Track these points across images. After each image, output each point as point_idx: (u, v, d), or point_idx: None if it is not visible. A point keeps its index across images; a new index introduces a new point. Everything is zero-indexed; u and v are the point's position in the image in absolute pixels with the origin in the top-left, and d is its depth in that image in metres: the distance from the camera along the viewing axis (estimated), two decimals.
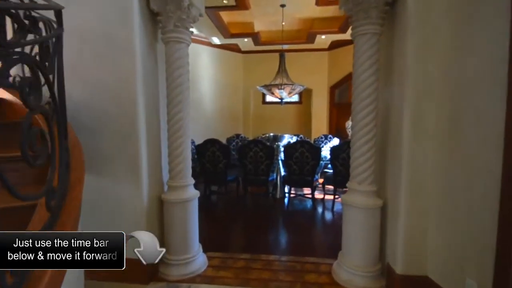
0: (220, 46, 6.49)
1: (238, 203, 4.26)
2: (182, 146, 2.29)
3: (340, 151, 3.74)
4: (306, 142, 3.74)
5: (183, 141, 2.29)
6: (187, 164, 2.36)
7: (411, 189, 1.90)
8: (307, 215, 3.90)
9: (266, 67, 6.33)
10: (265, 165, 3.86)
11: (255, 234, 3.20)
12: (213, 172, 4.00)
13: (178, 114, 2.24)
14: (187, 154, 2.34)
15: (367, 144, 2.07)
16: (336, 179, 3.86)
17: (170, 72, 2.22)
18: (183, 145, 2.29)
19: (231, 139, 5.85)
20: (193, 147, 4.74)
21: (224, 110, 6.94)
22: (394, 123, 2.04)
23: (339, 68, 6.45)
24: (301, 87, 4.47)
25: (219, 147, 3.88)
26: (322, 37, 5.34)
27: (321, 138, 5.66)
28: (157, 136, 2.38)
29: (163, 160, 2.47)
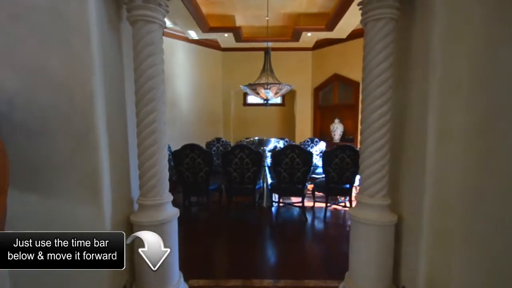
0: (197, 42, 6.01)
1: (222, 215, 3.82)
2: (156, 155, 1.83)
3: (333, 156, 3.46)
4: (297, 147, 3.41)
5: (157, 148, 1.83)
6: (163, 177, 1.90)
7: (435, 203, 1.60)
8: (299, 227, 3.56)
9: (248, 67, 5.95)
10: (252, 172, 3.47)
11: (244, 253, 2.79)
12: (193, 182, 3.53)
13: (150, 115, 1.78)
14: (163, 165, 1.88)
15: (380, 151, 1.76)
16: (328, 186, 3.57)
17: (139, 61, 1.75)
18: (157, 153, 1.83)
19: (211, 144, 5.38)
20: (168, 153, 4.22)
21: (202, 112, 6.45)
22: (413, 126, 1.75)
23: (323, 69, 6.27)
24: (289, 87, 4.15)
25: (199, 153, 3.42)
26: (308, 34, 5.08)
27: (307, 142, 5.38)
28: (123, 141, 1.90)
29: (132, 172, 1.98)
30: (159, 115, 1.81)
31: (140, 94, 1.77)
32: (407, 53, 1.79)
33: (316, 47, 6.25)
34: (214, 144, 5.41)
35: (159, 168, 1.85)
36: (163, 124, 1.85)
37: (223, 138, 5.51)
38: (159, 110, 1.81)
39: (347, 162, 3.45)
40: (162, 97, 1.84)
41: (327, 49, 6.11)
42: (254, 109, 7.19)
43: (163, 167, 1.90)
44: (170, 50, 5.55)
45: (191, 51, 6.06)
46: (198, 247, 2.90)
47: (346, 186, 3.58)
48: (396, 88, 1.82)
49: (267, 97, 4.27)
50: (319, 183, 3.87)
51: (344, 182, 3.55)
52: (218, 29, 4.85)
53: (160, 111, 1.82)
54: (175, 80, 5.75)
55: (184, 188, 3.61)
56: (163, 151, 1.89)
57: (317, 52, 6.34)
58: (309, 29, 4.80)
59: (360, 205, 1.87)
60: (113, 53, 1.76)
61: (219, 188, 3.85)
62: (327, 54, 6.14)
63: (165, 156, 1.92)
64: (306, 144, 5.33)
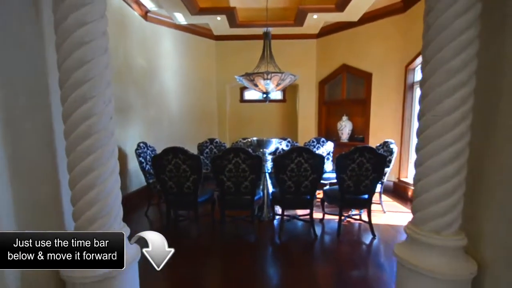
0: (187, 29, 5.30)
1: (215, 232, 3.14)
2: (94, 170, 1.15)
3: (348, 160, 2.79)
4: (305, 150, 2.73)
5: (97, 159, 1.15)
6: (110, 202, 1.22)
7: None
8: (307, 246, 2.89)
9: (245, 58, 5.25)
10: (249, 181, 2.79)
11: (239, 279, 2.20)
12: (178, 193, 2.85)
13: (83, 106, 1.10)
14: (109, 185, 1.20)
15: (455, 161, 1.09)
16: (343, 197, 2.90)
17: (63, 29, 1.07)
18: (97, 168, 1.15)
19: (204, 145, 4.70)
20: (148, 158, 3.53)
21: (193, 110, 5.75)
22: None
23: (330, 59, 5.58)
24: (293, 77, 3.47)
25: (185, 158, 2.74)
26: (314, 16, 4.38)
27: (312, 142, 4.71)
28: (45, 149, 1.22)
29: (63, 195, 1.30)
30: (98, 106, 1.13)
31: (65, 70, 1.09)
32: None
33: (322, 35, 5.56)
34: (207, 146, 4.73)
35: (101, 190, 1.17)
36: (106, 120, 1.17)
37: (217, 139, 4.83)
38: (99, 97, 1.13)
39: (367, 168, 2.78)
40: (105, 74, 1.16)
41: (334, 36, 5.42)
42: (252, 106, 6.50)
43: (111, 188, 1.22)
44: (155, 38, 4.85)
45: (180, 39, 5.35)
46: (185, 272, 2.26)
47: (364, 196, 2.92)
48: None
49: (267, 90, 3.59)
50: (329, 193, 3.20)
51: (362, 192, 2.88)
52: (209, 10, 4.15)
53: (101, 100, 1.14)
54: (161, 72, 5.05)
55: (167, 200, 2.93)
56: (109, 163, 1.21)
57: (322, 40, 5.65)
58: (315, 9, 4.11)
59: (415, 243, 1.21)
60: (16, 12, 1.08)
61: (211, 199, 3.17)
62: (334, 42, 5.46)
63: (114, 171, 1.24)
64: (312, 144, 4.66)
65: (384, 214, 3.62)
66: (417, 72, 4.46)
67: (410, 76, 4.49)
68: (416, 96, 4.48)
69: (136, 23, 4.38)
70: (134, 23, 4.33)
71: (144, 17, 4.62)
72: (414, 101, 4.47)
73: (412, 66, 4.42)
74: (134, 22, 4.32)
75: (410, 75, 4.49)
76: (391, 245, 2.84)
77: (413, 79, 4.49)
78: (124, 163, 3.97)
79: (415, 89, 4.48)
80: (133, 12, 4.31)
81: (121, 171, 4.14)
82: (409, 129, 4.52)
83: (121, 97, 3.95)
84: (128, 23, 4.16)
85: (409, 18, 4.42)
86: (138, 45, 4.41)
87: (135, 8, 4.32)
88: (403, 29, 4.53)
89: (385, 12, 4.70)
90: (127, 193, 4.06)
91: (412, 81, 4.50)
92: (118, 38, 3.90)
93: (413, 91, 4.50)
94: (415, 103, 4.47)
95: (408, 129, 4.52)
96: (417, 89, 4.47)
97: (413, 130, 4.51)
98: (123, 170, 4.01)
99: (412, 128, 4.50)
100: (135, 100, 4.35)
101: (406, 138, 4.55)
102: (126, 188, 4.04)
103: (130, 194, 4.13)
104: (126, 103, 4.08)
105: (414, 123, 4.49)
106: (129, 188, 4.12)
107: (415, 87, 4.48)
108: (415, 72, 4.47)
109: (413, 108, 4.50)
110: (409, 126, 4.52)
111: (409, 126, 4.52)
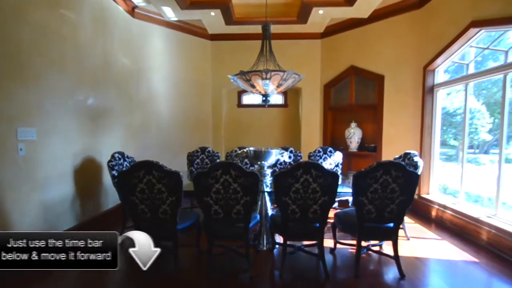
0: (180, 28, 4.82)
1: (200, 268, 2.55)
2: None
3: (369, 179, 2.21)
4: (314, 166, 2.16)
5: None
6: None
7: None
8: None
9: (243, 59, 4.67)
10: (243, 205, 2.22)
11: None
12: (151, 219, 2.28)
13: None
14: None
15: None
16: (362, 226, 2.31)
17: None
18: None
19: (194, 155, 4.14)
20: (113, 173, 2.92)
21: (186, 116, 5.22)
22: None
23: (336, 61, 5.06)
24: (296, 76, 2.93)
25: (160, 176, 2.17)
26: (320, 11, 3.88)
27: (318, 152, 4.14)
28: None
29: None
30: None
31: None
32: None
33: (327, 34, 5.06)
34: (198, 156, 4.17)
35: None
36: None
37: (209, 148, 4.27)
38: None
39: (393, 189, 2.20)
40: None
41: (341, 36, 4.92)
42: (250, 111, 5.97)
43: None
44: (143, 36, 4.37)
45: (172, 38, 4.86)
46: None
47: (389, 225, 2.33)
48: None
49: (266, 92, 3.05)
50: (343, 218, 2.60)
51: (387, 220, 2.30)
52: (201, 3, 3.65)
53: None
54: (150, 74, 4.55)
55: (139, 227, 2.34)
56: None
57: (327, 40, 5.14)
58: (321, 2, 3.60)
59: None
60: None
61: (195, 224, 2.59)
62: (341, 42, 4.95)
63: None
64: (317, 155, 4.10)
65: (408, 241, 3.01)
66: (437, 74, 3.92)
67: (430, 78, 3.95)
68: (437, 101, 3.93)
69: (120, 18, 3.89)
70: (118, 18, 3.85)
71: (131, 13, 4.14)
72: (436, 106, 3.91)
73: (431, 67, 3.88)
74: (117, 17, 3.84)
75: (429, 77, 3.95)
76: (422, 286, 2.24)
77: (433, 82, 3.94)
78: (98, 176, 3.40)
79: (436, 92, 3.93)
80: (117, 7, 3.82)
81: (94, 185, 3.45)
82: (429, 138, 3.94)
83: (97, 99, 3.42)
84: (110, 18, 3.67)
85: (426, 13, 3.91)
86: (122, 43, 3.91)
87: (119, 3, 3.84)
88: (419, 26, 4.02)
89: (399, 8, 4.20)
90: (100, 212, 3.48)
91: (432, 84, 3.95)
92: (95, 34, 3.40)
93: (434, 95, 3.94)
94: (437, 108, 3.91)
95: (429, 138, 3.94)
96: (438, 93, 3.92)
97: (434, 140, 3.93)
98: (96, 185, 3.45)
99: (433, 137, 3.92)
100: (116, 104, 3.82)
101: (427, 148, 3.97)
102: (99, 206, 3.46)
103: (106, 213, 3.55)
104: (103, 107, 3.54)
105: (435, 131, 3.92)
106: (104, 206, 3.54)
107: (436, 90, 3.93)
108: (436, 73, 3.93)
109: (434, 114, 3.93)
110: (430, 135, 3.95)
111: (429, 134, 3.95)
